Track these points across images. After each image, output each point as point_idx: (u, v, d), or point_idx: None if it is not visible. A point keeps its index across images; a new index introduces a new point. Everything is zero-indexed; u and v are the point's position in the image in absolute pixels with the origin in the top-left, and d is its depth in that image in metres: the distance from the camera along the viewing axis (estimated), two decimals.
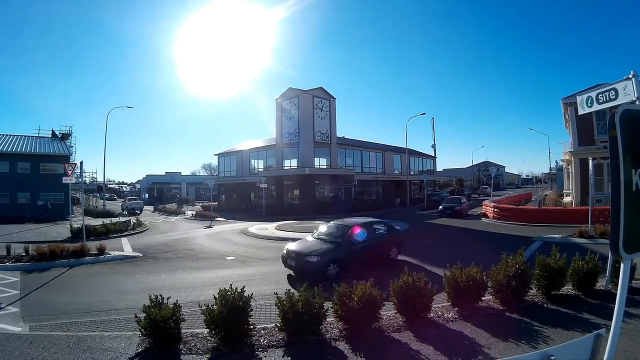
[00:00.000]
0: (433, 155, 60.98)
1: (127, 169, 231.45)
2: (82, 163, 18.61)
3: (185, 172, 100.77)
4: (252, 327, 6.01)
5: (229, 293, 5.91)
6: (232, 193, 46.54)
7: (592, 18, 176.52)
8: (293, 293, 6.11)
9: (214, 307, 5.84)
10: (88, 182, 50.91)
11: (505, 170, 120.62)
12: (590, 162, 17.56)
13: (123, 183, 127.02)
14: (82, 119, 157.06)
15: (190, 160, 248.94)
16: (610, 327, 3.07)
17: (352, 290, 6.36)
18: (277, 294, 6.25)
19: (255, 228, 24.43)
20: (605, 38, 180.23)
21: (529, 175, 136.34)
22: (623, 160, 2.98)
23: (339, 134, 42.71)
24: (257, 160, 45.26)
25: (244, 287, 6.14)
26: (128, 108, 46.16)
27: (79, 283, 11.01)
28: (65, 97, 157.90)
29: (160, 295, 6.03)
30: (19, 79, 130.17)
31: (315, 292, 6.15)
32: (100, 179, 57.10)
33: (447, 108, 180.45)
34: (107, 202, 49.26)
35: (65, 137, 41.58)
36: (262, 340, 5.93)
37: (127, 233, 23.04)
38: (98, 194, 58.90)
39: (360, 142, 48.84)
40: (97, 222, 24.32)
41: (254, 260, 14.30)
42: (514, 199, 44.13)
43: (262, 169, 42.96)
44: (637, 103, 7.00)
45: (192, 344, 5.82)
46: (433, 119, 61.12)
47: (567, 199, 33.78)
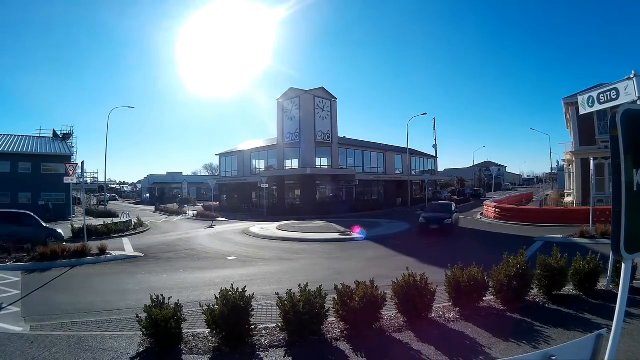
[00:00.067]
0: (434, 156, 61.03)
1: (128, 169, 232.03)
2: (83, 163, 18.64)
3: (187, 172, 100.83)
4: (253, 327, 6.00)
5: (230, 293, 5.90)
6: (233, 193, 46.58)
7: (592, 18, 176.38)
8: (294, 293, 6.11)
9: (215, 307, 5.84)
10: (89, 182, 51.05)
11: (507, 170, 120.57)
12: (592, 162, 17.55)
13: (124, 183, 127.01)
14: (83, 119, 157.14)
15: (192, 160, 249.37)
16: (612, 327, 3.07)
17: (353, 290, 6.36)
18: (278, 294, 6.25)
19: (257, 228, 24.44)
20: (606, 38, 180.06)
21: (530, 175, 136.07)
22: (624, 160, 2.98)
23: (340, 134, 42.75)
24: (258, 160, 45.31)
25: (245, 287, 6.13)
26: (129, 108, 46.15)
27: (80, 283, 11.02)
28: (67, 97, 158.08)
29: (162, 295, 6.02)
30: (20, 79, 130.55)
31: (317, 291, 6.15)
32: (102, 179, 57.16)
33: (448, 108, 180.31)
34: (108, 202, 49.30)
35: (67, 137, 41.66)
36: (263, 340, 5.93)
37: (128, 233, 23.09)
38: (99, 194, 58.93)
39: (362, 142, 48.86)
40: (98, 222, 24.37)
41: (255, 260, 14.32)
42: (515, 199, 44.11)
43: (263, 169, 43.00)
44: (638, 103, 6.99)
45: (193, 344, 5.82)
46: (434, 119, 61.28)
47: (568, 199, 33.76)
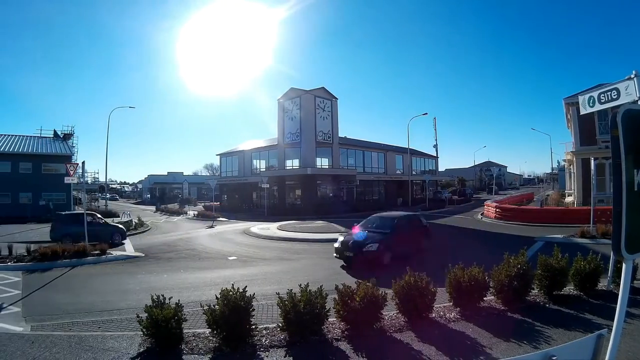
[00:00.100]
0: (435, 156, 61.00)
1: (129, 169, 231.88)
2: (84, 163, 18.59)
3: (187, 172, 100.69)
4: (254, 327, 6.01)
5: (231, 293, 5.91)
6: (234, 193, 46.59)
7: (593, 18, 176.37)
8: (295, 293, 6.11)
9: (216, 307, 5.85)
10: (90, 182, 51.05)
11: (507, 170, 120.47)
12: (592, 162, 17.54)
13: (125, 183, 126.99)
14: (84, 119, 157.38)
15: (192, 160, 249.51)
16: (612, 327, 3.07)
17: (354, 290, 6.36)
18: (279, 294, 6.25)
19: (257, 228, 24.44)
20: (607, 38, 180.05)
21: (531, 175, 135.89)
22: (625, 160, 2.97)
23: (341, 134, 42.74)
24: (259, 160, 45.34)
25: (246, 287, 6.14)
26: (130, 108, 46.35)
27: (81, 283, 11.03)
28: (67, 97, 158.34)
29: (162, 295, 6.03)
30: (21, 79, 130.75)
31: (318, 292, 6.16)
32: (102, 179, 57.16)
33: (448, 108, 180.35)
34: (108, 202, 49.30)
35: (67, 137, 41.68)
36: (264, 340, 5.94)
37: (129, 233, 23.05)
38: (100, 194, 58.92)
39: (362, 142, 48.85)
40: None
41: (256, 260, 14.32)
42: (516, 199, 44.06)
43: (264, 169, 43.03)
44: (639, 103, 6.98)
45: (194, 344, 5.83)
46: (435, 119, 61.23)
47: (569, 199, 33.73)
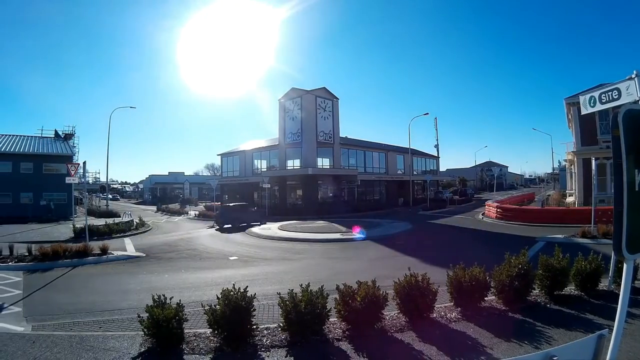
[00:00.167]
0: (436, 156, 61.00)
1: (130, 169, 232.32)
2: (85, 163, 18.71)
3: (188, 172, 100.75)
4: (254, 327, 6.01)
5: (232, 293, 5.92)
6: (235, 193, 46.56)
7: (594, 17, 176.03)
8: (296, 293, 6.11)
9: (217, 307, 5.85)
10: (91, 182, 51.12)
11: (508, 170, 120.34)
12: (593, 162, 17.53)
13: (126, 183, 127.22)
14: (85, 120, 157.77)
15: (193, 161, 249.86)
16: (613, 327, 3.06)
17: (355, 290, 6.36)
18: (279, 294, 6.24)
19: (258, 228, 24.46)
20: (608, 37, 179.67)
21: (532, 175, 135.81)
22: (626, 160, 2.97)
23: (342, 134, 42.70)
24: (260, 161, 45.35)
25: (247, 287, 6.14)
26: (131, 108, 46.40)
27: (82, 283, 11.04)
28: (68, 97, 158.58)
29: (163, 295, 6.03)
30: (22, 80, 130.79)
31: (319, 291, 6.16)
32: (103, 179, 57.26)
33: (450, 108, 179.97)
34: (110, 202, 49.37)
35: (68, 137, 41.73)
36: (264, 340, 5.94)
37: (130, 233, 23.13)
38: (101, 194, 59.03)
39: (363, 142, 48.84)
40: (100, 222, 24.43)
41: (257, 260, 14.33)
42: (517, 199, 44.03)
43: (265, 169, 43.01)
44: None
45: (194, 344, 5.83)
46: (436, 119, 61.31)
47: (570, 199, 33.67)
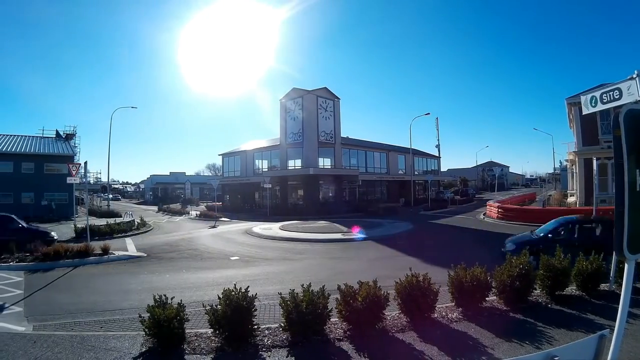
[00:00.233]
0: (437, 156, 60.98)
1: (131, 169, 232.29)
2: (86, 163, 18.67)
3: (190, 172, 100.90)
4: (256, 327, 6.00)
5: (233, 293, 5.92)
6: (236, 193, 46.65)
7: (595, 17, 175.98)
8: (297, 293, 6.12)
9: (218, 307, 5.85)
10: (92, 182, 51.19)
11: (510, 170, 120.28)
12: (595, 162, 17.50)
13: (127, 183, 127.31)
14: (86, 120, 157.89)
15: (195, 161, 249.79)
16: (614, 327, 3.06)
17: (356, 290, 6.36)
18: (281, 294, 6.24)
19: (260, 228, 24.45)
20: (608, 37, 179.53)
21: (533, 176, 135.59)
22: (627, 160, 2.97)
23: (343, 134, 42.75)
24: (261, 161, 45.39)
25: (248, 287, 6.14)
26: (132, 108, 46.58)
27: (83, 283, 11.05)
28: (69, 97, 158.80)
29: (164, 295, 6.04)
30: (23, 80, 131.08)
31: (320, 291, 6.16)
32: (105, 179, 57.37)
33: (451, 108, 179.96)
34: (111, 202, 49.45)
35: (70, 137, 41.73)
36: (266, 340, 5.94)
37: (131, 233, 23.11)
38: (102, 194, 59.09)
39: (365, 142, 48.87)
40: (101, 222, 24.42)
41: (258, 260, 14.33)
42: (518, 199, 43.99)
43: (266, 169, 43.05)
44: None
45: (196, 344, 5.83)
46: (437, 119, 61.33)
47: (571, 199, 33.63)
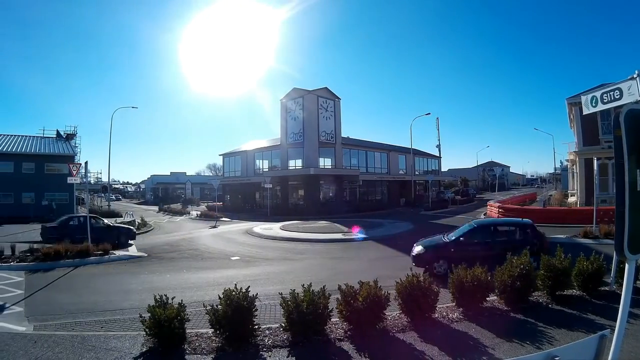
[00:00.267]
0: (438, 156, 60.95)
1: (131, 169, 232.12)
2: (86, 163, 18.63)
3: (190, 172, 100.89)
4: (256, 327, 6.02)
5: (234, 293, 5.93)
6: (237, 193, 46.64)
7: (594, 17, 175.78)
8: (298, 293, 6.12)
9: (219, 307, 5.86)
10: (93, 182, 51.18)
11: (510, 170, 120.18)
12: (595, 162, 17.46)
13: (128, 183, 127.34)
14: (86, 120, 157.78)
15: (195, 161, 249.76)
16: (615, 327, 3.06)
17: (356, 291, 6.36)
18: (281, 294, 6.25)
19: (260, 228, 24.45)
20: (608, 38, 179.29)
21: (534, 175, 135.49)
22: (628, 160, 2.97)
23: (344, 134, 42.71)
24: (261, 161, 45.37)
25: (249, 287, 6.15)
26: (133, 108, 46.58)
27: (84, 283, 11.06)
28: (70, 97, 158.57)
29: (165, 295, 6.04)
30: (24, 80, 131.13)
31: (320, 292, 6.16)
32: (105, 179, 57.37)
33: (451, 108, 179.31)
34: (111, 202, 49.48)
35: (70, 137, 41.71)
36: (266, 340, 5.95)
37: None
38: (103, 194, 59.12)
39: (365, 142, 48.83)
40: None
41: (259, 260, 14.34)
42: (519, 199, 43.94)
43: (266, 169, 43.03)
44: None
45: (196, 344, 5.84)
46: (438, 119, 61.29)
47: (571, 199, 33.60)
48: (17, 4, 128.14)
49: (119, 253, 15.26)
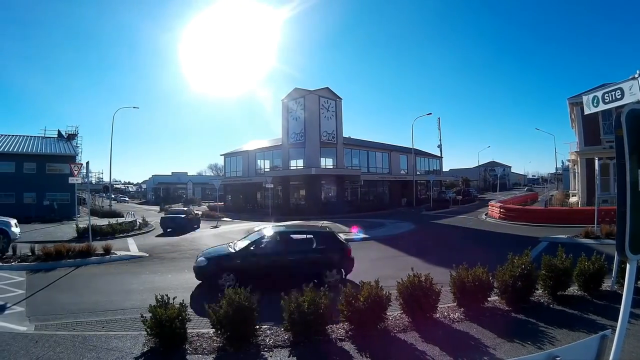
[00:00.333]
0: (439, 156, 60.86)
1: (133, 169, 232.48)
2: (88, 163, 18.67)
3: (192, 172, 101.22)
4: (257, 327, 6.03)
5: (235, 293, 5.93)
6: (238, 193, 46.67)
7: (594, 17, 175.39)
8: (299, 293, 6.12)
9: (219, 307, 5.86)
10: (94, 182, 51.29)
11: (512, 170, 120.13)
12: (597, 162, 17.41)
13: (129, 183, 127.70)
14: (88, 120, 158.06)
15: (197, 161, 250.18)
16: (616, 328, 3.05)
17: (358, 291, 6.37)
18: (282, 294, 6.26)
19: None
20: (608, 37, 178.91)
21: (535, 176, 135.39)
22: (629, 160, 2.96)
23: (345, 134, 42.70)
24: (263, 161, 45.38)
25: (250, 287, 6.15)
26: (134, 108, 46.67)
27: (85, 283, 11.07)
28: (71, 98, 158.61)
29: (166, 295, 6.04)
30: (25, 80, 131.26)
31: (321, 292, 6.17)
32: (107, 179, 57.49)
33: (453, 108, 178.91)
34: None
35: (72, 137, 41.75)
36: (267, 340, 5.95)
37: (133, 233, 23.12)
38: (104, 194, 59.22)
39: (367, 142, 48.83)
40: (103, 222, 24.44)
41: None
42: (520, 199, 43.91)
43: (268, 169, 43.04)
44: None
45: (197, 344, 5.84)
46: (439, 119, 61.13)
47: (573, 199, 33.58)
48: (17, 4, 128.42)
49: (121, 253, 15.26)
